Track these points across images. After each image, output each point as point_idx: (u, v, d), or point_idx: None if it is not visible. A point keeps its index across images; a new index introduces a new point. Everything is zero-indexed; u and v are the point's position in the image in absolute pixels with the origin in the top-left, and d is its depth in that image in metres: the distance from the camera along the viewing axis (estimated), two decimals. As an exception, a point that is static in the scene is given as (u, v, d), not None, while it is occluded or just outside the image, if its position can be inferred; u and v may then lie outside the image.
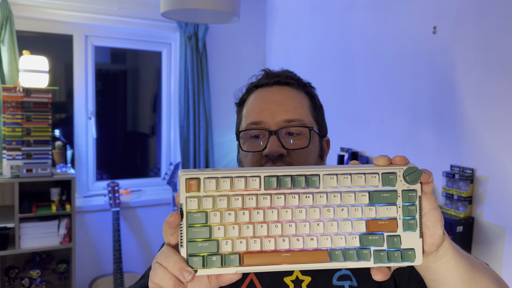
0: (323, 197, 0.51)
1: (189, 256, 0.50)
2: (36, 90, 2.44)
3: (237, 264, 0.50)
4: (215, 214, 0.50)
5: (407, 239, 0.52)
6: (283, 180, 0.51)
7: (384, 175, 0.52)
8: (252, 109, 0.81)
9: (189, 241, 0.50)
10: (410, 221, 0.52)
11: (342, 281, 0.73)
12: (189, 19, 2.21)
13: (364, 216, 0.52)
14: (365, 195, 0.52)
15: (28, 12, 2.69)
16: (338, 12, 2.60)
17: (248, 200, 0.51)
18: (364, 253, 0.51)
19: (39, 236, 2.48)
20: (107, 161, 3.27)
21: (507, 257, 1.65)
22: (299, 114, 0.79)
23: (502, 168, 1.66)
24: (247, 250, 0.50)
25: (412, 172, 0.51)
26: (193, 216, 0.50)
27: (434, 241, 0.53)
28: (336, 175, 0.52)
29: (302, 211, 0.51)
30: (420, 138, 2.03)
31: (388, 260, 0.51)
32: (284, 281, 0.72)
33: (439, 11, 1.92)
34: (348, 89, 2.51)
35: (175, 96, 3.24)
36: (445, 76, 1.90)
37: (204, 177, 0.51)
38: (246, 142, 0.80)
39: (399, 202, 0.52)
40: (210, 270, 0.50)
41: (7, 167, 2.40)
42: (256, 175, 0.51)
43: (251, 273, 0.73)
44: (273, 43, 3.37)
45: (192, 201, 0.50)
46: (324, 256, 0.51)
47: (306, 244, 0.51)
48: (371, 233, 0.52)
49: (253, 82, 0.87)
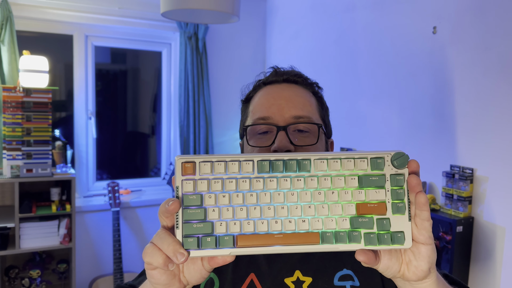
0: (314, 180, 0.53)
1: (184, 237, 0.51)
2: (36, 90, 2.44)
3: (231, 245, 0.52)
4: (210, 196, 0.52)
5: (396, 222, 0.53)
6: (275, 164, 0.53)
7: (372, 159, 0.53)
8: (260, 105, 0.80)
9: (185, 222, 0.52)
10: (398, 204, 0.53)
11: (344, 281, 0.72)
12: (189, 19, 2.21)
13: (354, 199, 0.53)
14: (355, 178, 0.53)
15: (28, 12, 2.69)
16: (338, 12, 2.60)
17: (242, 183, 0.52)
18: (355, 235, 0.52)
19: (39, 236, 2.48)
20: (107, 161, 3.27)
21: (507, 257, 1.65)
22: (307, 111, 0.78)
23: (502, 168, 1.66)
24: (240, 231, 0.52)
25: (400, 157, 0.53)
26: (189, 198, 0.52)
27: (417, 273, 0.53)
28: (326, 160, 0.53)
29: (294, 194, 0.53)
30: (420, 138, 2.03)
31: (378, 242, 0.52)
32: (285, 282, 0.71)
33: (439, 11, 1.92)
34: (348, 89, 2.51)
35: (175, 96, 3.24)
36: (445, 76, 1.90)
37: (200, 161, 0.52)
38: (252, 138, 0.79)
39: (388, 186, 0.53)
40: (205, 251, 0.52)
41: (7, 167, 2.40)
42: (249, 159, 0.53)
43: (251, 274, 0.72)
44: (273, 43, 3.37)
45: (188, 183, 0.52)
46: (316, 238, 0.52)
47: (298, 226, 0.52)
48: (361, 216, 0.53)
49: (261, 79, 0.87)
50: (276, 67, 0.87)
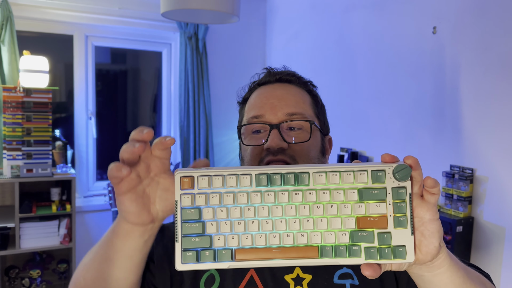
0: (313, 194, 0.52)
1: (183, 251, 0.52)
2: (36, 90, 2.44)
3: (230, 259, 0.52)
4: (208, 211, 0.52)
5: (398, 236, 0.52)
6: (273, 177, 0.53)
7: (373, 172, 0.52)
8: (254, 104, 0.82)
9: (183, 236, 0.52)
10: (400, 218, 0.52)
11: (343, 280, 0.72)
12: (189, 19, 2.21)
13: (353, 213, 0.52)
14: (354, 192, 0.52)
15: (28, 12, 2.69)
16: (338, 12, 2.60)
17: (240, 197, 0.52)
18: (355, 249, 0.52)
19: (39, 236, 2.48)
20: (107, 161, 3.27)
21: (507, 257, 1.65)
22: (300, 108, 0.79)
23: (501, 168, 1.66)
24: (239, 245, 0.52)
25: (402, 169, 0.52)
26: (187, 212, 0.52)
27: (429, 251, 0.53)
28: (325, 173, 0.53)
29: (292, 208, 0.52)
30: (420, 138, 2.03)
31: (379, 257, 0.52)
32: (285, 279, 0.72)
33: (439, 11, 1.92)
34: (348, 89, 2.51)
35: (175, 96, 3.25)
36: (445, 76, 1.90)
37: (198, 175, 0.53)
38: (247, 137, 0.81)
39: (389, 199, 0.52)
40: (204, 265, 0.52)
41: (7, 167, 2.40)
42: (247, 173, 0.53)
43: (251, 270, 0.73)
44: (273, 43, 3.37)
45: (186, 197, 0.52)
46: (315, 252, 0.52)
47: (296, 240, 0.52)
48: (361, 230, 0.52)
49: (255, 80, 0.88)
50: (269, 67, 0.88)
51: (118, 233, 0.57)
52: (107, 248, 0.59)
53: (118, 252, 0.58)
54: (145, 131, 0.52)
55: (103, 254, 0.59)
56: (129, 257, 0.58)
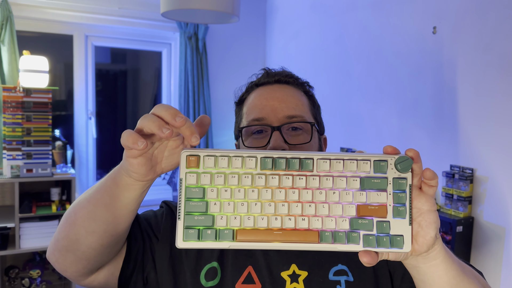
0: (316, 179, 0.53)
1: (185, 228, 0.52)
2: (36, 90, 2.44)
3: (231, 239, 0.52)
4: (212, 190, 0.53)
5: (396, 226, 0.53)
6: (278, 161, 0.53)
7: (375, 162, 0.54)
8: (254, 106, 0.82)
9: (186, 214, 0.52)
10: (399, 208, 0.53)
11: (338, 276, 0.74)
12: (189, 19, 2.21)
13: (354, 201, 0.54)
14: (357, 180, 0.53)
15: (28, 12, 2.69)
16: (338, 12, 2.60)
17: (244, 178, 0.53)
18: (354, 236, 0.53)
19: (39, 236, 2.48)
20: (107, 161, 3.27)
21: (507, 257, 1.65)
22: (300, 110, 0.81)
23: (501, 168, 1.66)
24: (240, 226, 0.53)
25: (403, 160, 0.53)
26: (192, 190, 0.53)
27: (426, 242, 0.54)
28: (329, 160, 0.54)
29: (295, 192, 0.53)
30: (420, 138, 2.03)
31: (377, 244, 0.53)
32: (281, 275, 0.73)
33: (439, 11, 1.92)
34: (348, 89, 2.51)
35: (175, 96, 3.25)
36: (445, 76, 1.90)
37: (204, 155, 0.54)
38: (248, 139, 0.82)
39: (390, 189, 0.54)
40: (205, 243, 0.52)
41: (7, 167, 2.40)
42: (252, 155, 0.53)
43: (249, 266, 0.74)
44: (273, 43, 3.37)
45: (191, 176, 0.53)
46: (315, 236, 0.53)
47: (297, 224, 0.53)
48: (361, 217, 0.53)
49: (253, 81, 0.89)
50: (267, 68, 0.89)
51: (119, 185, 0.58)
52: (105, 193, 0.60)
53: (116, 200, 0.59)
54: (178, 119, 0.51)
55: (100, 199, 0.61)
56: (125, 205, 0.60)
